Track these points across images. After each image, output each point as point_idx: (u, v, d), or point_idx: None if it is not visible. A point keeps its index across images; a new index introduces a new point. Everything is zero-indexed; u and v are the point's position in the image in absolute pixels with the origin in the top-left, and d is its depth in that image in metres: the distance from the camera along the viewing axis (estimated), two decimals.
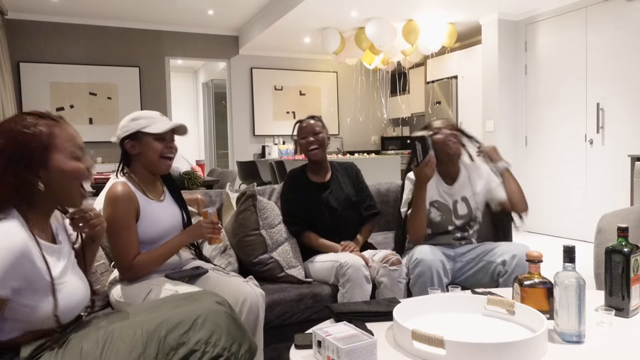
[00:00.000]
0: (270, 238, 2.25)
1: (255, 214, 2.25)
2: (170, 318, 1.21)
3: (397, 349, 1.28)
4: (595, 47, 4.92)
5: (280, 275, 2.20)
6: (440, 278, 2.02)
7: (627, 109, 4.68)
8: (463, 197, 2.30)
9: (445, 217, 2.28)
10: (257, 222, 2.24)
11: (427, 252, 2.06)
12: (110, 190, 1.72)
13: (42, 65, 6.38)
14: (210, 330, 1.20)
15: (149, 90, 6.97)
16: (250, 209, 2.25)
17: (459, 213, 2.30)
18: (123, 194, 1.70)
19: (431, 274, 2.00)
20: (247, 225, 2.24)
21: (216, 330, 1.21)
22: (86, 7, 6.10)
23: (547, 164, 5.54)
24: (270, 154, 7.20)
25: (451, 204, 2.29)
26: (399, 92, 8.27)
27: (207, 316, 1.23)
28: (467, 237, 2.32)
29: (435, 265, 2.01)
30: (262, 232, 2.24)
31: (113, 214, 1.68)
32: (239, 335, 1.25)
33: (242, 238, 2.24)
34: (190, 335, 1.18)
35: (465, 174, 2.34)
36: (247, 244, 2.23)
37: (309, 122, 2.40)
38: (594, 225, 2.30)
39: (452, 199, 2.29)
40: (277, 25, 6.07)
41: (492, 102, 5.79)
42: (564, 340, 1.29)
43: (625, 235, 1.48)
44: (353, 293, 2.00)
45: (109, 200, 1.70)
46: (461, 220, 2.30)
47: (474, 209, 2.31)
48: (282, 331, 2.00)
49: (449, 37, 6.11)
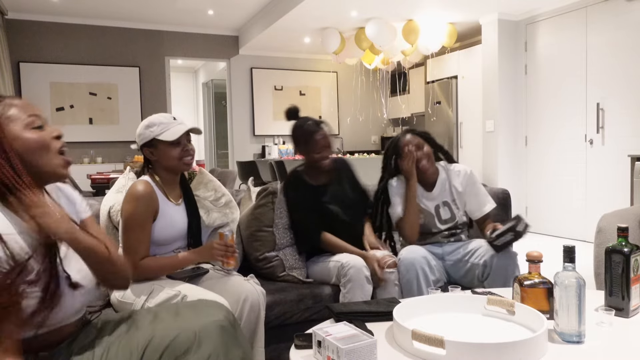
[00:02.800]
0: (282, 238, 2.26)
1: (272, 211, 2.27)
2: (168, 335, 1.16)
3: (397, 349, 1.28)
4: (595, 47, 4.92)
5: (281, 274, 2.21)
6: (425, 275, 2.03)
7: (627, 109, 4.68)
8: (444, 202, 2.31)
9: (428, 220, 2.30)
10: (272, 219, 2.26)
11: (409, 250, 2.09)
12: (132, 187, 1.75)
13: (42, 65, 6.38)
14: (208, 353, 1.15)
15: (149, 90, 6.97)
16: (268, 205, 2.28)
17: (442, 217, 2.31)
18: (145, 193, 1.73)
19: (415, 272, 2.02)
20: (262, 221, 2.26)
21: (214, 352, 1.15)
22: (86, 7, 6.10)
23: (547, 164, 5.54)
24: (270, 154, 7.21)
25: (433, 209, 2.30)
26: (399, 92, 8.27)
27: (206, 334, 1.17)
28: (456, 234, 2.32)
29: (418, 262, 2.03)
30: (274, 230, 2.26)
31: (132, 210, 1.71)
32: (238, 354, 1.20)
33: (254, 232, 2.26)
34: (188, 358, 1.13)
35: (443, 177, 2.34)
36: (257, 238, 2.25)
37: (323, 136, 2.25)
38: (594, 225, 2.29)
39: (433, 204, 2.30)
40: (277, 25, 6.07)
41: (492, 102, 5.79)
42: (564, 340, 1.29)
43: (625, 235, 1.48)
44: (354, 293, 2.01)
45: (130, 196, 1.73)
46: (446, 225, 2.31)
47: (457, 214, 2.32)
48: (282, 331, 1.99)
49: (449, 37, 6.11)
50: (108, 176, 4.91)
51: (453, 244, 2.27)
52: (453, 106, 6.73)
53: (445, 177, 2.34)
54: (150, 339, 1.16)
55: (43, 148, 1.11)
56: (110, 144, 6.69)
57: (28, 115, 1.11)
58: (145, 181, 1.77)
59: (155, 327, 1.20)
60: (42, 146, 1.11)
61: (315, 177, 2.35)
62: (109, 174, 5.13)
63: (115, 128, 6.73)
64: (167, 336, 1.15)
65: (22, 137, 1.08)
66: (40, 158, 1.10)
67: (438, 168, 2.35)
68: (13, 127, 1.08)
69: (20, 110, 1.11)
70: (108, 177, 4.87)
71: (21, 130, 1.09)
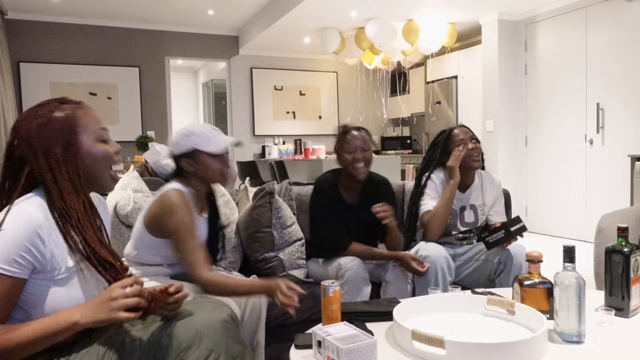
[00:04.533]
0: (281, 238, 2.24)
1: (270, 212, 2.23)
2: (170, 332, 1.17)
3: (397, 349, 1.28)
4: (595, 47, 4.92)
5: (281, 274, 2.20)
6: (444, 275, 2.01)
7: (627, 109, 4.68)
8: (472, 205, 2.31)
9: (450, 221, 2.28)
10: (270, 219, 2.23)
11: (431, 249, 2.06)
12: (171, 197, 1.65)
13: (42, 65, 6.38)
14: (208, 349, 1.16)
15: (149, 90, 6.98)
16: (266, 205, 2.24)
17: (465, 220, 2.30)
18: (185, 200, 1.65)
19: (435, 271, 2.00)
20: (260, 222, 2.23)
21: (215, 349, 1.17)
22: (86, 7, 6.10)
23: (547, 164, 5.54)
24: (270, 154, 7.20)
25: (458, 209, 2.30)
26: (399, 92, 8.27)
27: (206, 331, 1.18)
28: (468, 237, 2.33)
29: (440, 262, 2.01)
30: (273, 231, 2.23)
31: (181, 219, 1.62)
32: (238, 351, 1.22)
33: (253, 233, 2.23)
34: (189, 354, 1.15)
35: (478, 182, 2.35)
36: (256, 239, 2.22)
37: (358, 136, 2.16)
38: (594, 225, 2.30)
39: (460, 204, 2.30)
40: (277, 25, 6.07)
41: (492, 102, 5.79)
42: (564, 340, 1.29)
43: (625, 235, 1.48)
44: (352, 294, 2.00)
45: (174, 206, 1.63)
46: (466, 228, 2.31)
47: (480, 220, 2.32)
48: (282, 331, 1.99)
49: (449, 37, 6.11)
50: None
51: (465, 247, 2.28)
52: (453, 106, 6.73)
53: (479, 182, 2.34)
54: (153, 335, 1.17)
55: (107, 162, 1.19)
56: None
57: (98, 128, 1.19)
58: (180, 190, 1.69)
59: (158, 323, 1.21)
60: (107, 160, 1.19)
61: (349, 188, 2.24)
62: None
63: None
64: (169, 332, 1.17)
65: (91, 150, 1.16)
66: (100, 170, 1.18)
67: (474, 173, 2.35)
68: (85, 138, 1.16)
69: (92, 122, 1.18)
70: None
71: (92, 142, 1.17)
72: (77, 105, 1.18)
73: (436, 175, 2.29)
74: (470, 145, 2.23)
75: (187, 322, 1.20)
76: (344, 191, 2.25)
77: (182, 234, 1.61)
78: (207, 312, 1.24)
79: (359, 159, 2.13)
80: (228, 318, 1.24)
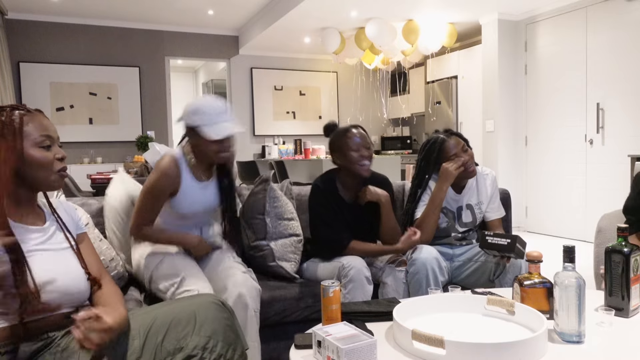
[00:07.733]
0: (274, 227, 2.25)
1: (264, 199, 2.27)
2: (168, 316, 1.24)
3: (397, 349, 1.28)
4: (595, 47, 4.92)
5: (271, 263, 2.20)
6: (435, 276, 2.01)
7: (627, 109, 4.68)
8: (468, 205, 2.31)
9: (449, 223, 2.28)
10: (264, 207, 2.26)
11: (421, 250, 2.07)
12: (161, 160, 1.81)
13: (42, 65, 6.38)
14: (207, 337, 1.22)
15: (149, 90, 6.98)
16: (261, 192, 2.28)
17: (463, 220, 2.30)
18: (169, 170, 1.80)
19: (426, 272, 2.01)
20: (255, 208, 2.27)
21: (213, 336, 1.23)
22: (86, 7, 6.10)
23: (547, 164, 5.54)
24: (270, 154, 7.20)
25: (455, 210, 2.29)
26: (399, 92, 8.27)
27: (205, 319, 1.24)
28: (467, 238, 2.32)
29: (430, 263, 2.01)
30: (266, 219, 2.25)
31: (153, 182, 1.80)
32: (234, 340, 1.27)
33: (249, 220, 2.28)
34: (188, 341, 1.20)
35: (472, 181, 2.34)
36: (250, 226, 2.27)
37: (360, 134, 2.16)
38: (594, 225, 2.30)
39: (456, 205, 2.30)
40: (277, 25, 6.07)
41: (492, 102, 5.79)
42: (564, 340, 1.29)
43: (625, 235, 1.48)
44: (355, 293, 2.00)
45: (156, 168, 1.82)
46: (464, 228, 2.31)
47: (478, 218, 2.32)
48: (282, 330, 2.00)
49: (449, 37, 6.11)
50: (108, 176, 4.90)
51: (464, 247, 2.28)
52: (453, 106, 6.73)
53: (473, 180, 2.33)
54: (153, 320, 1.23)
55: (44, 167, 1.25)
56: (110, 143, 6.68)
57: (40, 135, 1.25)
58: (172, 157, 1.82)
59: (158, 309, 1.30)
60: (44, 165, 1.25)
61: (349, 187, 2.23)
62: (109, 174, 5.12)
63: (115, 128, 6.73)
64: (167, 317, 1.24)
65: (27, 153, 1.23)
66: (38, 173, 1.25)
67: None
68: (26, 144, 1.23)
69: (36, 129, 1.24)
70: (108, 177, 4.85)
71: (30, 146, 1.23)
72: (27, 113, 1.25)
73: (432, 185, 2.28)
74: (463, 158, 2.20)
75: (183, 305, 1.29)
76: (344, 190, 2.25)
77: (143, 193, 1.82)
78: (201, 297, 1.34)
79: (365, 156, 2.13)
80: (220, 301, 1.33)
